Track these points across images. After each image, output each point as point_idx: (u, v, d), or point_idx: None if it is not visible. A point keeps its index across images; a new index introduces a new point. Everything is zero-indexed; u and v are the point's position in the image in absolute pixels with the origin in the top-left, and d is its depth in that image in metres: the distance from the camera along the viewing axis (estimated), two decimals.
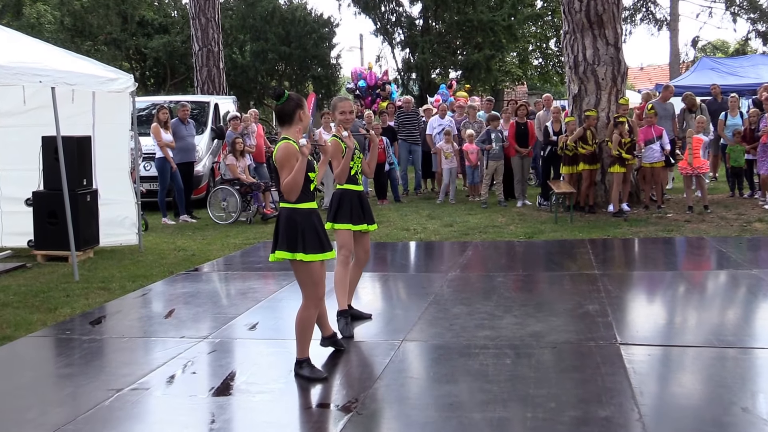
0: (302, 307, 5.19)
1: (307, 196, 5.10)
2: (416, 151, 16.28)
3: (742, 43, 36.77)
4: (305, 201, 5.10)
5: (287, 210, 5.10)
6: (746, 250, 9.45)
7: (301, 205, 5.08)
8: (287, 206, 5.10)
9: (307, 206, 5.11)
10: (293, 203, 5.06)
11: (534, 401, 4.63)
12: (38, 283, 8.83)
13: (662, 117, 13.56)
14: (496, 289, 7.72)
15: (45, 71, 8.69)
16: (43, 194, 10.16)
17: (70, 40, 31.61)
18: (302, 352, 5.25)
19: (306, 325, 5.20)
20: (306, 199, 5.10)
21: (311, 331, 5.25)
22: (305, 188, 5.06)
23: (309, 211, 5.12)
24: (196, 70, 21.30)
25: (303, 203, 5.08)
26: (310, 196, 5.15)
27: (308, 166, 5.05)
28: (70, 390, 5.21)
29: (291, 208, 5.08)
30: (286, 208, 5.10)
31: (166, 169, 13.53)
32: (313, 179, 5.14)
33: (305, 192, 5.08)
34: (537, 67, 38.75)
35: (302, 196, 5.06)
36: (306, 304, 5.17)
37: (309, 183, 5.09)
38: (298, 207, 5.07)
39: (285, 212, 5.11)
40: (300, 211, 5.07)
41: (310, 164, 5.11)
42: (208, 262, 9.94)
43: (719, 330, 6.12)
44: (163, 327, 6.83)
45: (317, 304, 5.21)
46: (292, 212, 5.07)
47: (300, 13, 34.68)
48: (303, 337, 5.22)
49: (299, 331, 5.21)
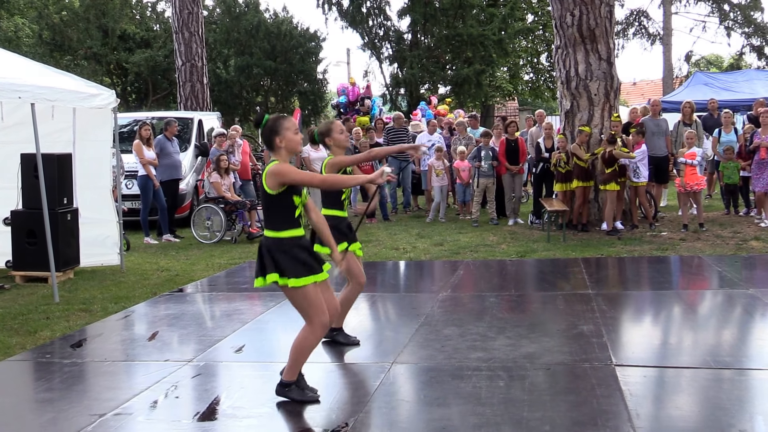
0: (308, 330, 4.99)
1: (291, 223, 4.90)
2: (406, 168, 16.16)
3: (736, 57, 37.07)
4: (290, 228, 4.89)
5: (270, 240, 4.90)
6: (742, 269, 9.39)
7: (284, 233, 4.88)
8: (271, 235, 4.90)
9: (292, 234, 4.90)
10: (277, 231, 4.88)
11: (528, 424, 4.56)
12: (17, 305, 8.66)
13: (655, 133, 13.50)
14: (488, 309, 7.62)
15: (24, 87, 8.55)
16: (21, 213, 10.00)
17: (48, 55, 31.51)
18: (291, 374, 5.08)
19: (305, 349, 5.02)
20: (290, 227, 4.90)
21: (308, 356, 5.07)
22: (290, 215, 4.88)
23: (294, 239, 4.91)
24: (179, 86, 21.20)
25: (287, 231, 4.89)
26: (296, 223, 4.93)
27: (294, 191, 4.88)
28: (51, 415, 5.08)
29: (274, 237, 4.89)
30: (269, 238, 4.91)
31: (148, 187, 13.39)
32: (298, 205, 4.93)
33: (291, 220, 4.89)
34: (528, 83, 38.92)
35: (287, 223, 4.88)
36: (312, 328, 4.97)
37: (294, 209, 4.90)
38: (282, 236, 4.88)
39: (267, 242, 4.92)
40: (285, 241, 4.88)
41: (297, 189, 4.92)
42: (192, 282, 9.79)
43: (716, 351, 6.08)
44: (146, 350, 6.69)
45: (324, 329, 5.01)
46: (277, 242, 4.88)
47: (286, 27, 34.66)
48: (298, 360, 5.04)
49: (297, 353, 5.02)
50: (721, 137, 14.24)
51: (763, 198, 12.66)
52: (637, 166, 12.42)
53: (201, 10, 21.73)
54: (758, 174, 12.64)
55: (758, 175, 12.64)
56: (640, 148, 12.46)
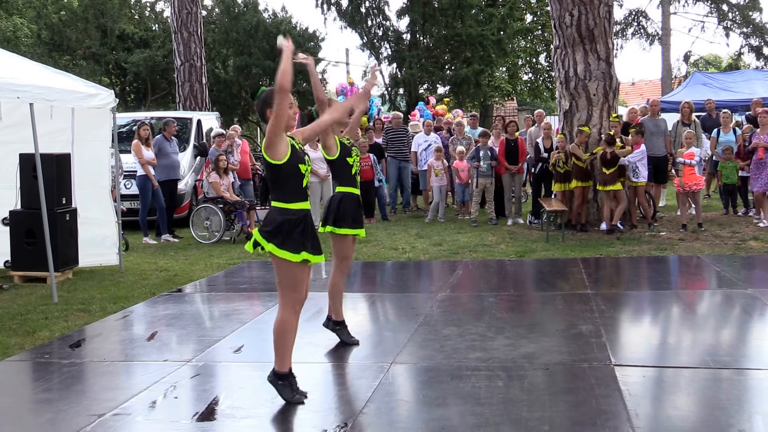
0: (279, 311, 4.97)
1: (298, 195, 4.87)
2: (405, 168, 16.14)
3: (734, 58, 37.01)
4: (297, 201, 4.87)
5: (277, 209, 4.87)
6: (741, 269, 9.38)
7: (292, 205, 4.86)
8: (278, 206, 4.87)
9: (299, 206, 4.88)
10: (285, 203, 4.85)
11: (527, 424, 4.56)
12: (15, 305, 8.63)
13: (654, 133, 13.49)
14: (487, 309, 7.61)
15: (23, 87, 8.54)
16: (20, 213, 9.97)
17: (47, 55, 31.39)
18: (281, 364, 5.01)
19: (283, 331, 4.95)
20: (297, 199, 4.87)
21: (291, 339, 4.99)
22: (297, 186, 4.84)
23: (302, 212, 4.89)
24: (178, 86, 21.16)
25: (295, 203, 4.86)
26: (303, 195, 4.91)
27: (298, 159, 4.83)
28: (50, 416, 5.08)
29: (281, 207, 4.86)
30: (277, 208, 4.88)
31: (147, 187, 13.36)
32: (304, 173, 4.88)
33: (297, 191, 4.86)
34: (527, 83, 38.87)
35: (294, 195, 4.85)
36: (283, 305, 4.95)
37: (301, 179, 4.86)
38: (289, 207, 4.85)
39: (274, 211, 4.88)
40: (291, 212, 4.86)
41: (301, 157, 4.88)
42: (191, 282, 9.77)
43: (714, 350, 6.09)
44: (145, 350, 6.68)
45: (296, 308, 4.97)
46: (283, 212, 4.85)
47: (285, 27, 34.56)
48: (281, 344, 4.97)
49: (276, 338, 4.97)
50: (719, 137, 14.25)
51: (762, 198, 12.66)
52: (636, 166, 12.40)
53: (200, 10, 21.69)
54: (757, 174, 12.63)
55: (757, 175, 12.63)
56: (639, 148, 12.45)
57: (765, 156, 12.51)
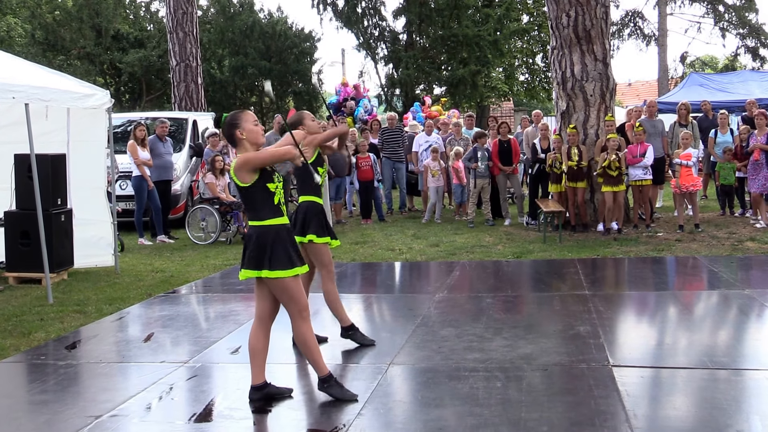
0: (292, 326, 5.06)
1: (274, 211, 4.94)
2: (400, 168, 16.12)
3: (731, 58, 37.03)
4: (273, 217, 4.93)
5: (253, 228, 4.94)
6: (738, 270, 9.37)
7: (267, 222, 4.91)
8: (254, 224, 4.94)
9: (277, 222, 4.94)
10: (260, 221, 4.90)
11: (526, 425, 4.56)
12: (10, 306, 8.60)
13: (651, 134, 13.47)
14: (484, 310, 7.60)
15: (18, 87, 8.50)
16: (15, 214, 9.92)
17: (41, 55, 31.33)
18: (319, 369, 5.12)
19: (304, 341, 5.05)
20: (271, 215, 4.93)
21: (315, 344, 5.10)
22: (269, 204, 4.91)
23: (279, 227, 4.95)
24: (173, 86, 21.13)
25: (269, 220, 4.92)
26: (278, 211, 4.96)
27: (268, 178, 4.90)
28: (46, 417, 5.05)
29: (256, 225, 4.93)
30: (252, 226, 4.95)
31: (143, 187, 13.32)
32: (275, 191, 4.94)
33: (270, 209, 4.92)
34: (523, 83, 38.87)
35: (267, 213, 4.91)
36: (292, 318, 5.02)
37: (272, 197, 4.92)
38: (264, 224, 4.91)
39: (253, 230, 4.94)
40: (267, 228, 4.91)
41: (270, 176, 4.93)
42: (187, 283, 9.75)
43: (712, 351, 6.08)
44: (141, 351, 6.65)
45: (303, 315, 5.02)
46: (259, 230, 4.92)
47: (281, 27, 34.55)
48: (309, 353, 5.09)
49: (304, 350, 5.10)
50: (717, 138, 14.26)
51: (759, 199, 12.67)
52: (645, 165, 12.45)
53: (195, 10, 21.65)
54: (754, 175, 12.65)
55: (754, 176, 12.65)
56: (645, 149, 12.47)
57: (761, 157, 12.52)
